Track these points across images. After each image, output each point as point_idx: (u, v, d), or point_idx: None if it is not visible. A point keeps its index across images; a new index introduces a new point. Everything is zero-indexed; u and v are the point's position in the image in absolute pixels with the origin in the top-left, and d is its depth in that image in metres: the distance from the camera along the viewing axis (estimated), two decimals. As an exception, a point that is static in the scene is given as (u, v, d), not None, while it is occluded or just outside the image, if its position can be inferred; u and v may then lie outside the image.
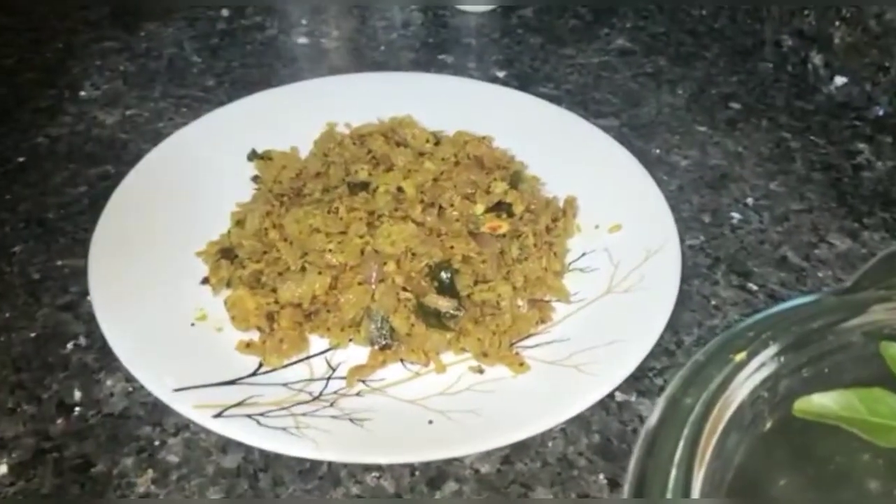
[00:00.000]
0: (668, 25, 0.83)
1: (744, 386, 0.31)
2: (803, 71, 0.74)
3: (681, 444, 0.29)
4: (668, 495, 0.28)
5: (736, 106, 0.72)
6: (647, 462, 0.29)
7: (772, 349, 0.32)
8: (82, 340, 0.50)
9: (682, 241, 0.56)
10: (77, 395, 0.47)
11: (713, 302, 0.54)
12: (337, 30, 0.82)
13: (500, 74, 0.75)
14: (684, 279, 0.53)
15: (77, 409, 0.46)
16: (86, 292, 0.51)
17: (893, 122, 0.68)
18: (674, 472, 0.29)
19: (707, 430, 0.30)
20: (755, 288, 0.55)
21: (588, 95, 0.72)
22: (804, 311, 0.35)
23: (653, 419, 0.30)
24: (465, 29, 0.82)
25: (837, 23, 0.70)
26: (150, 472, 0.43)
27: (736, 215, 0.61)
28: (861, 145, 0.67)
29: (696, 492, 0.29)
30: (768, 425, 0.33)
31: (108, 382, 0.48)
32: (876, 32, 0.67)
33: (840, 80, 0.72)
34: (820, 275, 0.56)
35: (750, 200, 0.62)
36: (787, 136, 0.68)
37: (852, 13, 0.69)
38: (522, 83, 0.73)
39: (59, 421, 0.46)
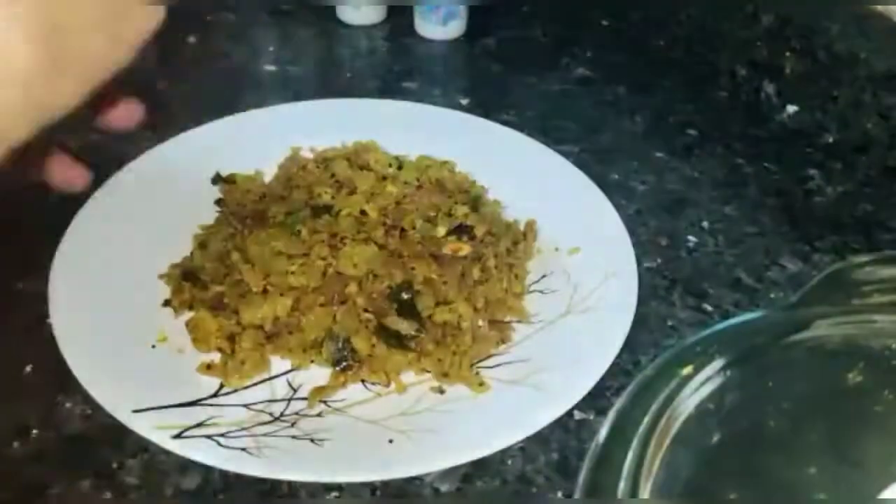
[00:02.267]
0: (627, 55, 0.85)
1: (690, 399, 0.32)
2: (756, 99, 0.77)
3: (629, 457, 0.30)
4: (618, 505, 0.29)
5: (692, 133, 0.74)
6: (596, 475, 0.30)
7: (718, 363, 0.33)
8: (41, 363, 0.50)
9: (639, 263, 0.57)
10: (35, 418, 0.47)
11: (669, 322, 0.55)
12: (303, 57, 0.83)
13: (464, 102, 0.76)
14: (641, 300, 0.54)
15: (34, 431, 0.46)
16: (46, 315, 0.50)
17: (843, 149, 0.71)
18: (622, 485, 0.29)
19: (654, 444, 0.31)
20: (710, 308, 0.56)
21: (549, 122, 0.74)
22: (751, 326, 0.36)
23: (602, 433, 0.31)
24: (430, 57, 0.84)
25: (788, 53, 0.73)
26: (108, 494, 0.43)
27: (692, 238, 0.62)
28: (812, 171, 0.69)
29: None
30: (715, 438, 0.34)
31: (67, 405, 0.47)
32: (825, 63, 0.70)
33: (791, 109, 0.74)
34: (772, 296, 0.57)
35: (706, 224, 0.64)
36: (742, 161, 0.70)
37: (802, 44, 0.71)
38: (485, 110, 0.74)
39: (17, 444, 0.45)
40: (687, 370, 0.32)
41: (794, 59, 0.72)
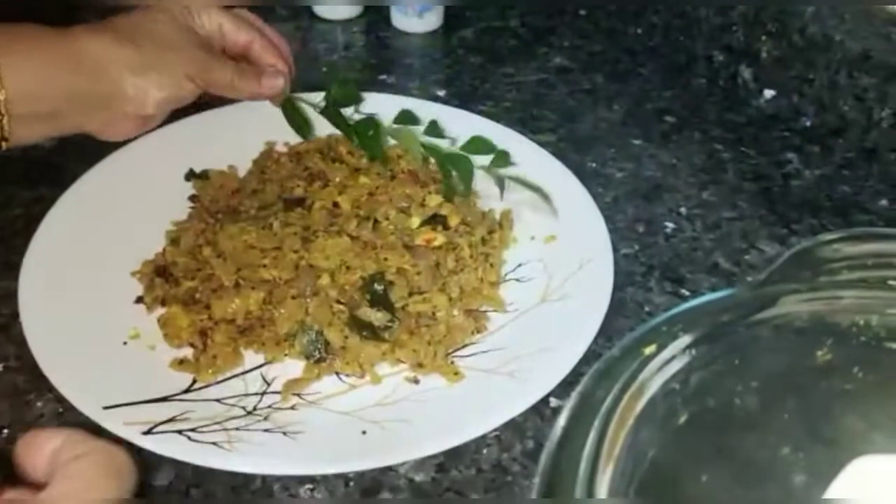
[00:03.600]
0: (605, 44, 0.85)
1: (654, 378, 0.32)
2: (734, 85, 0.76)
3: (590, 437, 0.30)
4: (577, 490, 0.29)
5: (670, 119, 0.74)
6: (557, 456, 0.30)
7: (683, 341, 0.33)
8: (13, 362, 0.49)
9: (617, 250, 0.57)
10: (7, 416, 0.46)
11: (646, 308, 0.55)
12: (279, 52, 0.82)
13: (441, 93, 0.76)
14: (619, 287, 0.54)
15: (6, 431, 0.46)
16: (17, 315, 0.50)
17: (820, 133, 0.71)
18: (582, 467, 0.29)
19: (615, 423, 0.30)
20: (687, 293, 0.56)
21: (527, 112, 0.74)
22: (717, 304, 0.36)
23: (564, 414, 0.31)
24: (407, 50, 0.83)
25: (764, 38, 0.72)
26: (79, 492, 0.43)
27: (670, 224, 0.62)
28: (790, 155, 0.69)
29: (603, 486, 0.29)
30: (683, 419, 0.34)
31: (39, 403, 0.47)
32: (800, 46, 0.70)
33: (769, 93, 0.74)
34: (749, 279, 0.57)
35: (683, 210, 0.63)
36: (720, 147, 0.70)
37: (777, 28, 0.71)
38: (463, 101, 0.74)
39: (-13, 444, 0.45)
40: (650, 349, 0.32)
41: (770, 43, 0.72)
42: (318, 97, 0.66)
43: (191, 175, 0.61)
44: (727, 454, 0.36)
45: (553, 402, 0.48)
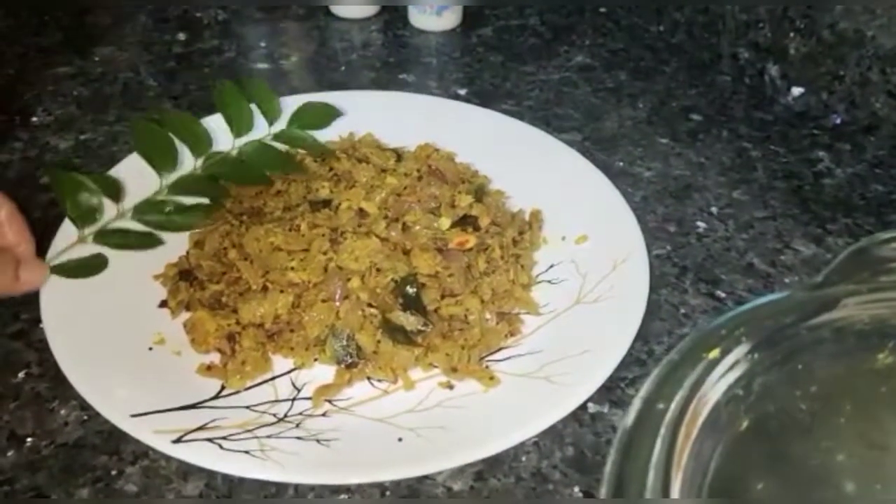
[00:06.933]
0: (627, 41, 0.83)
1: (718, 384, 0.31)
2: (761, 82, 0.75)
3: (657, 445, 0.28)
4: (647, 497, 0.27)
5: (696, 118, 0.72)
6: (623, 465, 0.28)
7: (744, 346, 0.32)
8: (34, 369, 0.48)
9: (649, 250, 0.55)
10: (29, 425, 0.45)
11: (682, 310, 0.54)
12: (296, 52, 0.81)
13: (462, 92, 0.75)
14: (653, 288, 0.53)
15: (29, 440, 0.44)
16: (38, 320, 0.49)
17: (851, 130, 0.69)
18: (651, 475, 0.28)
19: (683, 431, 0.29)
20: (723, 295, 0.55)
21: (550, 111, 0.72)
22: (775, 307, 0.34)
23: (628, 421, 0.29)
24: (426, 48, 0.82)
25: (792, 34, 0.71)
26: (108, 503, 0.42)
27: (701, 224, 0.61)
28: (820, 153, 0.68)
29: (675, 494, 0.28)
30: (745, 424, 0.33)
31: (62, 411, 0.46)
32: (829, 42, 0.68)
33: (797, 91, 0.72)
34: (786, 280, 0.56)
35: (714, 209, 0.62)
36: (748, 145, 0.69)
37: (806, 24, 0.70)
38: (484, 100, 0.73)
39: (11, 453, 0.44)
40: (713, 354, 0.31)
41: (798, 39, 0.71)
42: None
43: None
44: (785, 460, 0.35)
45: (591, 407, 0.47)
